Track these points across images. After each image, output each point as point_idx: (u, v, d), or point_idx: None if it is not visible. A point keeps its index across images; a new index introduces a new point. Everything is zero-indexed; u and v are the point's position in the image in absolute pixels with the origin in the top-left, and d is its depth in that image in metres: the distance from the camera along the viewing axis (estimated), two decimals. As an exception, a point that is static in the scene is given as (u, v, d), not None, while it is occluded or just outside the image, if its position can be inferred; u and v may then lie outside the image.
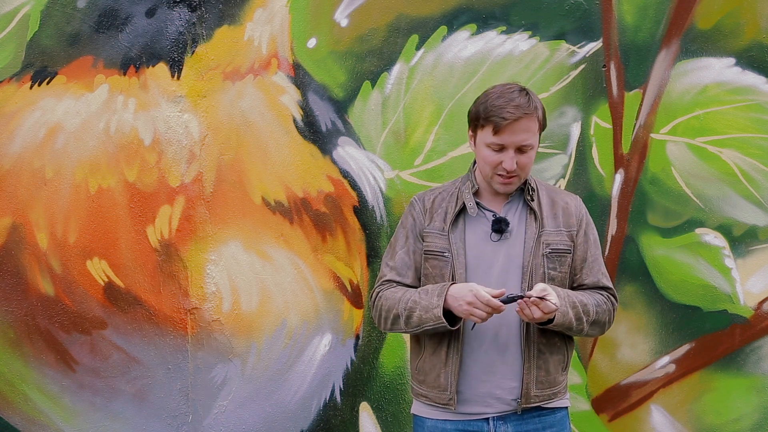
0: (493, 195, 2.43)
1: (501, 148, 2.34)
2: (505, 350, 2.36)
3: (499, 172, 2.35)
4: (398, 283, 2.45)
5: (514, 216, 2.41)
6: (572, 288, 2.44)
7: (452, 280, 2.37)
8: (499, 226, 2.37)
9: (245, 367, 3.15)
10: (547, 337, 2.38)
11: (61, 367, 3.09)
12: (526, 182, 2.43)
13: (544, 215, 2.41)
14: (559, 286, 2.36)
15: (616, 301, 2.47)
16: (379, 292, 2.45)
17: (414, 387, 2.47)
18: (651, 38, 3.17)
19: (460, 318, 2.30)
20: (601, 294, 2.44)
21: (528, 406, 2.36)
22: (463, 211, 2.41)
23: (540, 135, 2.40)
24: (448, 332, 2.35)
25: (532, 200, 2.41)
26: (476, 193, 2.43)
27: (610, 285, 2.48)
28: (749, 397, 3.20)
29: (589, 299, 2.39)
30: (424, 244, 2.42)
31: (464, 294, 2.26)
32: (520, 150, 2.34)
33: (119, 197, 3.09)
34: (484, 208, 2.41)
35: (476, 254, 2.39)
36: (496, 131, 2.33)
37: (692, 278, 3.18)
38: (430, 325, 2.31)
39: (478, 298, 2.22)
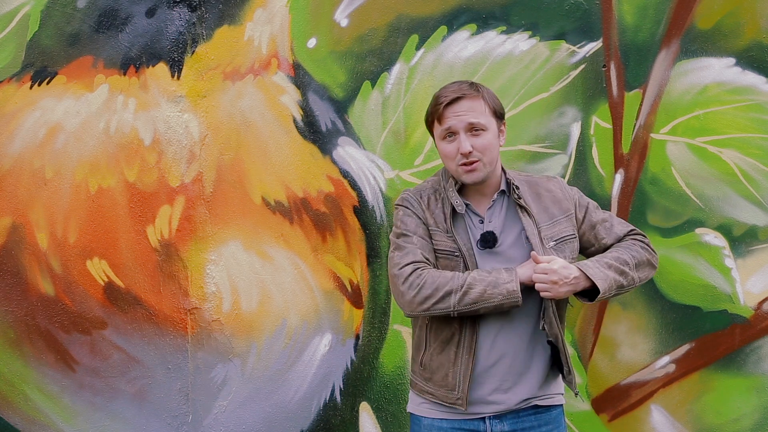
0: (478, 195, 2.42)
1: (452, 134, 2.34)
2: (503, 352, 2.37)
3: (459, 162, 2.35)
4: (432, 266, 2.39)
5: (499, 216, 2.40)
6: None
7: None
8: (486, 245, 2.36)
9: (245, 367, 3.15)
10: (541, 336, 2.38)
11: (61, 367, 3.09)
12: (508, 182, 2.42)
13: (534, 212, 2.40)
14: None
15: (644, 235, 2.47)
16: (416, 269, 2.34)
17: (418, 383, 2.45)
18: (651, 38, 3.17)
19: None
20: (625, 240, 2.45)
21: (525, 399, 2.37)
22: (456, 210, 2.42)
23: (499, 124, 2.39)
24: (457, 332, 2.35)
25: (519, 198, 2.40)
26: (463, 193, 2.42)
27: (630, 228, 2.49)
28: (749, 397, 3.20)
29: (619, 251, 2.40)
30: (434, 242, 2.40)
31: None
32: (473, 133, 2.33)
33: (119, 197, 3.09)
34: (472, 212, 2.41)
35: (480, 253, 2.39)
36: (440, 118, 2.35)
37: (692, 278, 3.18)
38: (494, 301, 2.27)
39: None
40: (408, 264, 2.35)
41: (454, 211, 2.39)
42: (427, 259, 2.37)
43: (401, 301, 2.36)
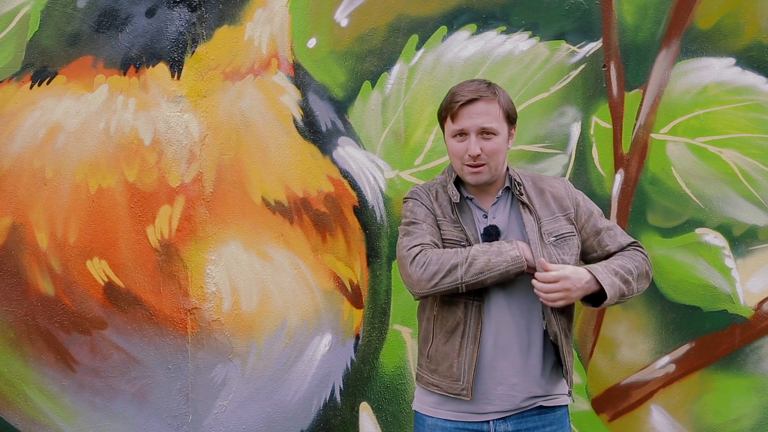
0: (483, 192, 2.43)
1: (463, 134, 2.35)
2: (507, 351, 2.37)
3: (466, 162, 2.36)
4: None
5: (503, 211, 2.42)
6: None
7: None
8: (489, 239, 2.37)
9: (245, 367, 3.15)
10: (547, 337, 2.38)
11: (61, 367, 3.09)
12: (511, 179, 2.43)
13: (536, 207, 2.42)
14: None
15: (643, 248, 2.50)
16: (422, 250, 2.36)
17: (425, 376, 2.45)
18: (651, 38, 3.17)
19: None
20: (627, 250, 2.47)
21: (530, 397, 2.37)
22: (461, 202, 2.42)
23: (510, 128, 2.40)
24: (462, 322, 2.35)
25: (521, 194, 2.41)
26: (467, 187, 2.44)
27: (631, 240, 2.51)
28: (749, 397, 3.20)
29: (623, 259, 2.42)
30: (441, 231, 2.42)
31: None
32: (483, 136, 2.34)
33: (119, 197, 3.09)
34: (477, 206, 2.42)
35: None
36: (453, 117, 2.35)
37: (692, 278, 3.18)
38: (500, 269, 2.29)
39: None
40: (415, 246, 2.37)
41: (459, 203, 2.41)
42: (436, 244, 2.39)
43: (410, 282, 2.37)
